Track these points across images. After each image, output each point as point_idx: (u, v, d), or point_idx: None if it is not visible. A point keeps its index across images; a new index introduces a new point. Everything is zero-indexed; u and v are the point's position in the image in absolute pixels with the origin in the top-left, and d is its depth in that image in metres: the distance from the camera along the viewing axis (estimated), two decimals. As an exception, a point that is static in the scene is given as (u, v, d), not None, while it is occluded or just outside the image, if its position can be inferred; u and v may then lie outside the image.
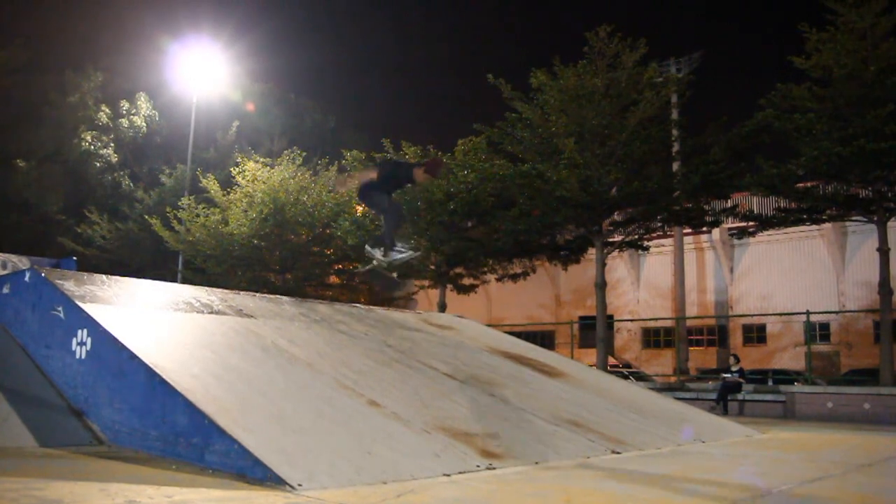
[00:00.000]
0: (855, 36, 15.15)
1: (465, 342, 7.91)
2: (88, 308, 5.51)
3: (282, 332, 6.27)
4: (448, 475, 3.97)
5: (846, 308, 33.70)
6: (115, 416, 4.90)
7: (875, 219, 15.31)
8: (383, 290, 21.46)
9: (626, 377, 22.53)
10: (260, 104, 34.04)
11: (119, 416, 4.86)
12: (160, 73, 31.33)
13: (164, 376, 4.44)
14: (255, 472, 3.63)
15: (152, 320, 5.72)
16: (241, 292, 7.74)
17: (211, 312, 6.44)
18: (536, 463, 4.53)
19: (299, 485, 3.46)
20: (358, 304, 9.35)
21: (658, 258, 37.49)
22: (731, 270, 37.00)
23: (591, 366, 12.98)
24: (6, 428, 4.92)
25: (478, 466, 4.21)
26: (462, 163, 18.45)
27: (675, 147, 18.43)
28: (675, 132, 18.29)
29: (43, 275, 6.27)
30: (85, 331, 5.41)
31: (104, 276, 6.74)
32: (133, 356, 4.77)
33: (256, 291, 25.13)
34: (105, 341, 5.13)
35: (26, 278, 6.55)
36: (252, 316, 6.65)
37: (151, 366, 4.60)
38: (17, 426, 4.97)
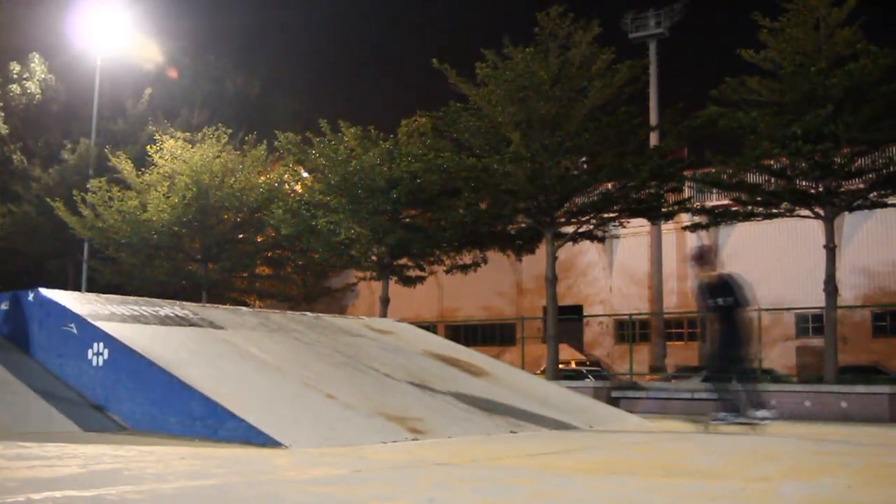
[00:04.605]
0: (808, 26, 18.82)
1: (403, 346, 11.42)
2: (102, 325, 8.83)
3: (251, 342, 9.67)
4: (385, 443, 7.42)
5: (841, 296, 37.79)
6: (135, 408, 8.24)
7: (823, 214, 19.08)
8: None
9: (583, 376, 26.31)
10: (173, 65, 36.95)
11: (139, 408, 8.20)
12: (57, 29, 34.15)
13: (181, 377, 7.81)
14: (258, 439, 7.03)
15: (152, 333, 9.07)
16: (207, 305, 11.12)
17: (190, 325, 9.81)
18: (449, 437, 8.02)
19: (289, 445, 6.87)
20: (307, 313, 12.79)
21: (633, 241, 41.21)
22: (716, 255, 40.93)
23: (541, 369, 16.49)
24: (52, 419, 8.23)
25: (406, 438, 7.68)
26: (406, 152, 21.83)
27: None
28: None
29: (49, 296, 9.56)
30: (101, 343, 8.72)
31: (96, 295, 10.06)
32: (151, 363, 8.12)
33: (176, 282, 28.34)
34: (123, 352, 8.45)
35: (30, 298, 9.82)
36: (223, 327, 10.04)
37: (168, 370, 7.96)
38: (59, 417, 8.27)
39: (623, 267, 43.16)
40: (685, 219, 36.26)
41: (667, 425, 10.57)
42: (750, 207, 19.81)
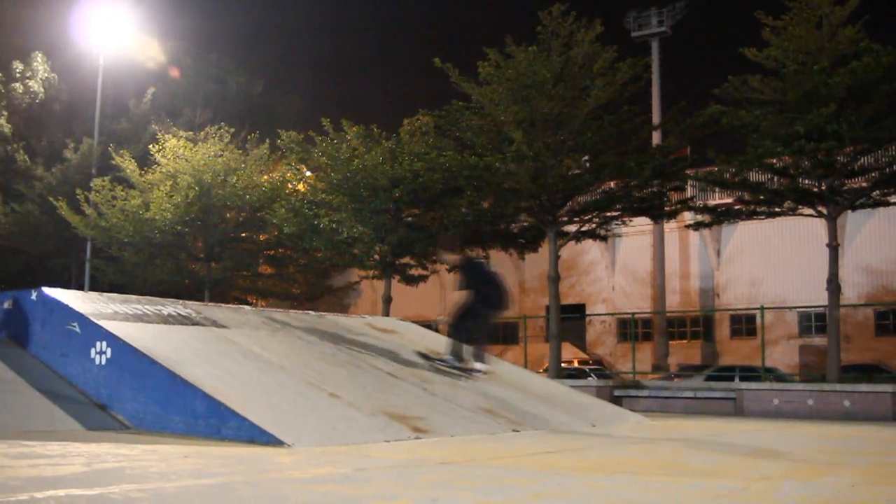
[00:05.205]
0: (810, 25, 18.84)
1: (405, 345, 11.43)
2: (105, 324, 8.84)
3: (253, 341, 9.68)
4: (388, 442, 7.43)
5: (844, 295, 37.80)
6: (138, 407, 8.26)
7: (825, 213, 19.09)
8: None
9: (585, 375, 26.39)
10: (176, 65, 37.07)
11: (142, 407, 8.21)
12: (59, 28, 34.28)
13: (184, 376, 7.82)
14: (261, 438, 7.04)
15: (155, 332, 9.09)
16: (210, 304, 11.13)
17: (193, 324, 9.82)
18: (452, 436, 8.03)
19: (292, 444, 6.89)
20: (310, 311, 12.80)
21: (636, 239, 41.35)
22: (718, 254, 41.08)
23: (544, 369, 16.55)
24: (55, 417, 8.25)
25: (409, 437, 7.69)
26: (409, 151, 21.87)
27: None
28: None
29: (52, 295, 9.57)
30: (104, 342, 8.73)
31: (98, 294, 10.07)
32: (155, 362, 8.13)
33: (179, 281, 28.42)
34: (126, 351, 8.46)
35: (33, 297, 9.84)
36: (226, 326, 10.05)
37: (171, 369, 7.97)
38: (62, 416, 8.29)
39: (625, 266, 43.23)
40: (688, 217, 36.22)
41: (669, 424, 10.59)
42: (753, 206, 19.86)
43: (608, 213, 22.25)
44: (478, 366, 10.61)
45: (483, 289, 10.40)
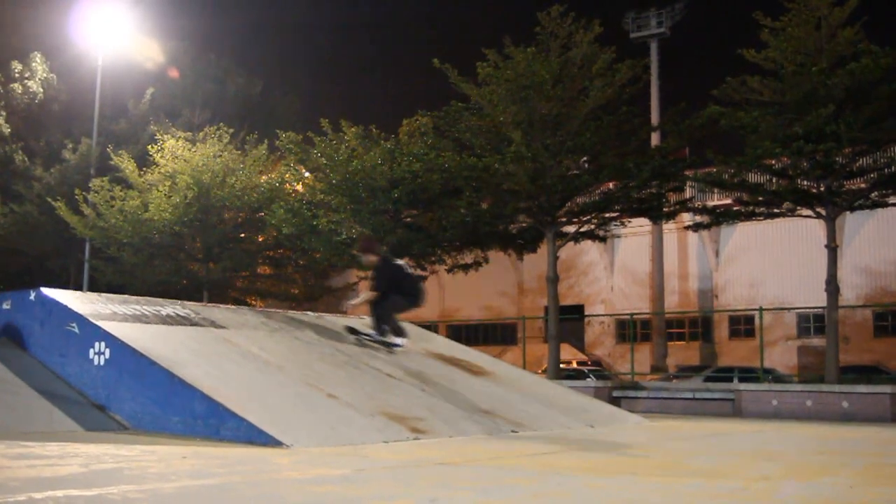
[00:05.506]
0: (809, 26, 18.86)
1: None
2: (104, 325, 8.83)
3: (252, 341, 9.68)
4: (386, 442, 7.43)
5: (843, 296, 37.79)
6: (137, 407, 8.25)
7: (824, 214, 19.10)
8: None
9: (584, 376, 26.40)
10: (174, 65, 37.08)
11: (141, 408, 8.21)
12: (58, 29, 34.28)
13: (183, 377, 7.82)
14: (260, 438, 7.04)
15: (153, 333, 9.08)
16: (208, 304, 11.12)
17: (192, 325, 9.82)
18: (451, 437, 8.03)
19: (291, 444, 6.88)
20: (309, 312, 12.81)
21: (634, 240, 41.34)
22: (717, 254, 41.06)
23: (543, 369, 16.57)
24: (54, 418, 8.24)
25: (407, 438, 7.69)
26: (407, 151, 21.88)
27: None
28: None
29: (51, 296, 9.57)
30: (103, 343, 8.72)
31: (97, 294, 10.07)
32: (153, 363, 8.13)
33: (177, 282, 28.39)
34: (124, 351, 8.46)
35: (31, 297, 9.83)
36: (224, 327, 10.05)
37: (169, 369, 7.97)
38: (61, 417, 8.29)
39: (624, 266, 43.21)
40: (686, 218, 36.13)
41: (668, 425, 10.60)
42: (751, 207, 19.89)
43: (607, 214, 22.29)
44: (398, 341, 11.26)
45: (398, 288, 11.19)
